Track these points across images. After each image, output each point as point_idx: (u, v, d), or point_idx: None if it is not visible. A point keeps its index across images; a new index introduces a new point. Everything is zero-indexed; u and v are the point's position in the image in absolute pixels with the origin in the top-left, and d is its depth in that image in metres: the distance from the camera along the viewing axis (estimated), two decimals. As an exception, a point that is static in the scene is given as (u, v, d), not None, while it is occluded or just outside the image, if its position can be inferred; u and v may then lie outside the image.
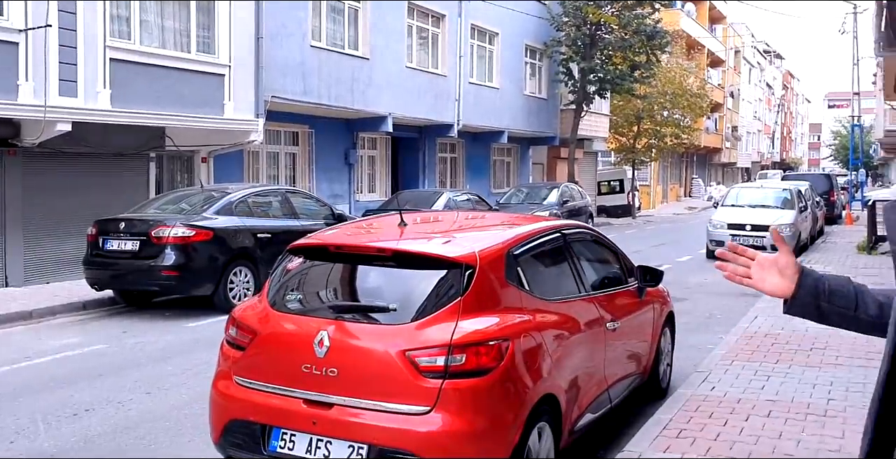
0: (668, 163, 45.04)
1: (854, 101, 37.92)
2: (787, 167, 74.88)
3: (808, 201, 19.23)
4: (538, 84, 28.29)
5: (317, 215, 11.69)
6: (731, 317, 9.45)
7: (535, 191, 22.95)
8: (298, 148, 18.57)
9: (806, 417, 5.19)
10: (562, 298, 4.66)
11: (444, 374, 3.65)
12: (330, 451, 3.78)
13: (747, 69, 64.20)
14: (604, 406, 4.98)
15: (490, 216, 6.97)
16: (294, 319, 4.15)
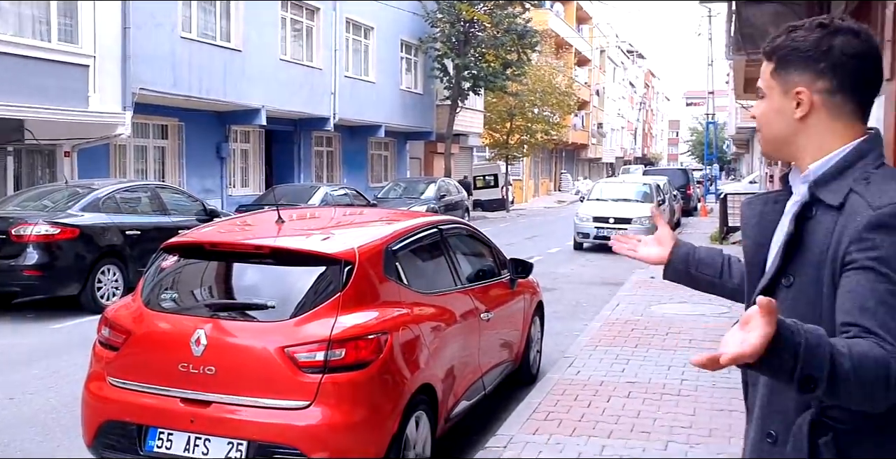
0: (539, 158, 46.43)
1: (709, 100, 40.31)
2: (648, 162, 78.66)
3: (666, 195, 20.41)
4: (414, 79, 28.54)
5: (188, 211, 11.43)
6: (596, 305, 9.98)
7: (413, 185, 23.20)
8: (168, 141, 18.01)
9: (661, 397, 5.61)
10: (438, 291, 4.84)
11: (324, 369, 3.74)
12: (209, 449, 3.80)
13: (612, 68, 66.92)
14: (478, 393, 5.22)
15: (368, 212, 7.09)
16: (169, 318, 4.14)
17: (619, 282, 11.87)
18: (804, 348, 1.34)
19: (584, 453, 4.49)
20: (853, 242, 1.49)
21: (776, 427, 1.62)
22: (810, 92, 1.61)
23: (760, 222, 1.76)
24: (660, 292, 10.49)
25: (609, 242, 2.22)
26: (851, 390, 1.38)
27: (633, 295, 10.18)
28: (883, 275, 1.45)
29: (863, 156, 1.61)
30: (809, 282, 1.57)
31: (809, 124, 1.64)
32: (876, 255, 1.46)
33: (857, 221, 1.50)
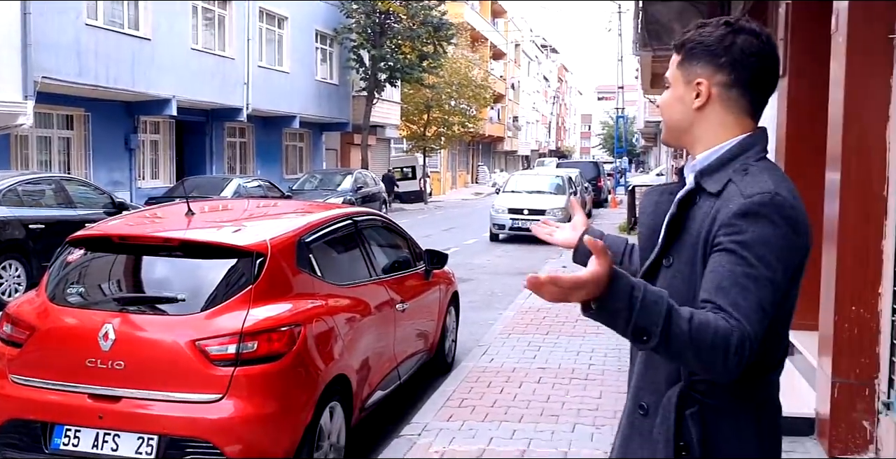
0: (456, 150, 46.74)
1: (619, 94, 41.35)
2: (561, 155, 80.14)
3: (578, 187, 20.93)
4: (329, 70, 28.31)
5: (95, 204, 11.08)
6: (511, 295, 10.18)
7: (329, 177, 23.03)
8: (73, 132, 17.36)
9: (570, 381, 5.81)
10: (353, 283, 4.87)
11: (236, 362, 3.73)
12: (118, 445, 3.74)
13: (526, 62, 67.83)
14: (393, 382, 5.28)
15: (281, 204, 7.04)
16: (76, 313, 4.05)
17: (534, 272, 12.08)
18: (640, 300, 1.45)
19: (495, 437, 4.62)
20: (722, 226, 1.61)
21: (647, 398, 1.73)
22: (709, 84, 1.72)
23: (655, 211, 1.87)
24: (571, 281, 10.77)
25: (530, 226, 2.33)
26: (686, 351, 1.49)
27: (545, 285, 10.42)
28: (742, 258, 1.56)
29: (745, 150, 1.73)
30: (686, 263, 1.69)
31: (705, 115, 1.75)
32: (740, 239, 1.57)
33: (729, 207, 1.62)
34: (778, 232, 1.58)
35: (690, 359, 1.52)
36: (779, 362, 1.73)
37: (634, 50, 15.16)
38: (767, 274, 1.55)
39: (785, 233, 1.59)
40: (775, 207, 1.59)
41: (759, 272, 1.55)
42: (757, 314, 1.52)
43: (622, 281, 1.46)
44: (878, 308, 4.12)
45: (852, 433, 4.20)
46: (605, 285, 1.44)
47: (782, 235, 1.58)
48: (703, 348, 1.48)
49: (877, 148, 4.12)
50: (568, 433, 4.71)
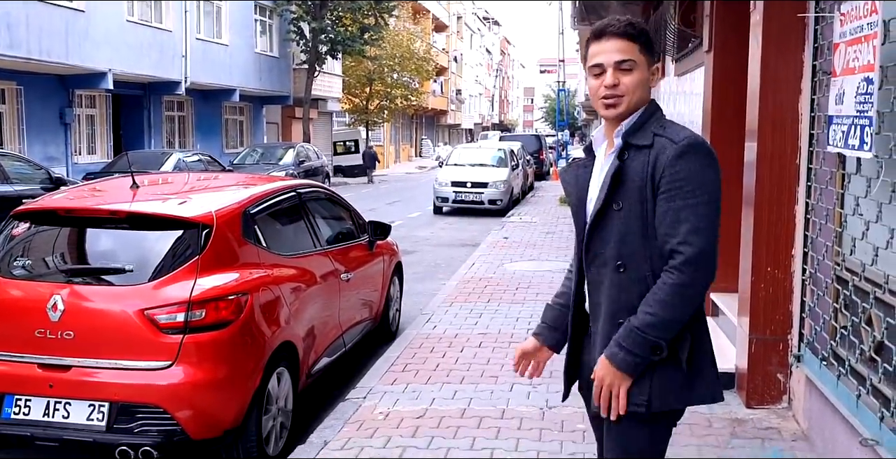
0: (399, 124, 46.62)
1: (560, 68, 41.65)
2: (504, 128, 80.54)
3: (520, 160, 21.20)
4: (269, 42, 27.91)
5: (31, 179, 10.93)
6: (454, 265, 10.41)
7: (271, 151, 22.87)
8: (5, 107, 16.88)
9: (510, 345, 6.04)
10: (298, 253, 5.00)
11: (185, 329, 3.84)
12: (69, 412, 3.83)
13: (469, 35, 67.69)
14: (339, 349, 5.45)
15: (225, 176, 7.09)
16: (23, 285, 4.10)
17: (476, 244, 12.37)
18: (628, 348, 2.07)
19: (437, 398, 4.84)
20: (666, 168, 2.08)
21: (624, 316, 2.13)
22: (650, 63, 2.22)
23: (577, 182, 2.32)
24: (513, 251, 11.06)
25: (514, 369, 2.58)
26: (676, 321, 2.08)
27: (488, 255, 10.68)
28: (687, 192, 2.05)
29: (656, 111, 2.23)
30: (635, 203, 2.12)
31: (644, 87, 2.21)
32: (681, 177, 2.07)
33: (667, 153, 2.09)
34: (702, 160, 2.09)
35: (684, 317, 2.09)
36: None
37: (573, 24, 15.37)
38: (705, 198, 2.05)
39: (710, 163, 2.10)
40: (701, 145, 2.11)
41: (699, 199, 2.05)
42: (706, 232, 2.04)
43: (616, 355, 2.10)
44: (791, 269, 4.44)
45: (767, 385, 4.53)
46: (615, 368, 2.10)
47: (708, 164, 2.10)
48: (677, 311, 2.06)
49: (790, 120, 4.40)
50: (506, 392, 4.95)
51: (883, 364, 3.08)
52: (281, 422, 4.42)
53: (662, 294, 2.05)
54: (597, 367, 2.13)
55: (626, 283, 2.14)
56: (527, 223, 14.79)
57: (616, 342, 2.09)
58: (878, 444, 3.05)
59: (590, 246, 2.21)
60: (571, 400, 4.66)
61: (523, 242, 11.97)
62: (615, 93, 2.18)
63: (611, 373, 2.09)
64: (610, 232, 2.16)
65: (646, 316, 2.06)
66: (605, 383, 2.10)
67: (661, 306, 2.05)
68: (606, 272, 2.17)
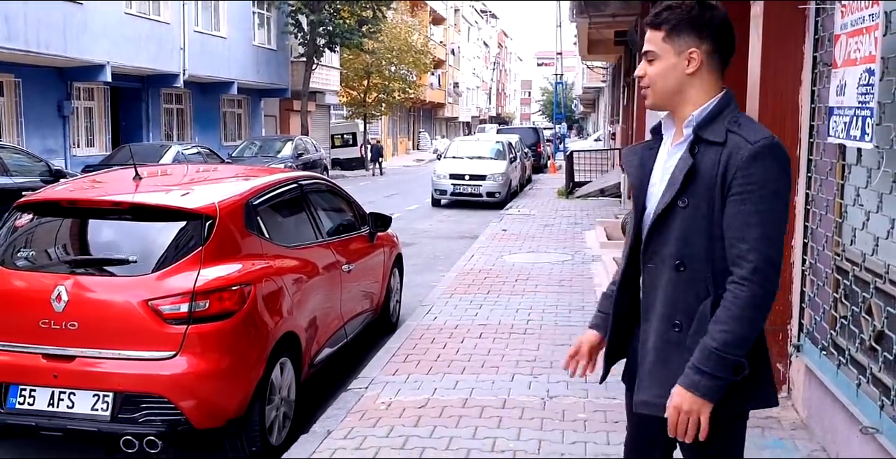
0: (397, 117, 46.58)
1: (558, 61, 41.63)
2: (502, 121, 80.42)
3: (518, 152, 21.22)
4: (268, 35, 27.85)
5: (31, 172, 10.92)
6: (453, 257, 10.44)
7: (269, 143, 22.85)
8: (3, 99, 16.86)
9: (510, 335, 6.09)
10: (300, 244, 5.02)
11: (188, 320, 3.86)
12: (74, 402, 3.85)
13: (466, 28, 67.56)
14: (341, 340, 5.48)
15: (226, 168, 7.10)
16: (27, 276, 4.11)
17: (475, 236, 12.40)
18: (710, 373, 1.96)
19: (439, 388, 4.87)
20: (739, 170, 1.98)
21: (680, 317, 2.08)
22: (700, 52, 2.09)
23: (641, 165, 2.22)
24: (511, 243, 11.09)
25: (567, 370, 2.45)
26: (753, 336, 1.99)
27: (486, 247, 10.71)
28: (759, 197, 1.96)
29: (729, 104, 2.11)
30: (702, 201, 2.04)
31: (696, 78, 2.11)
32: (754, 181, 1.97)
33: (741, 153, 1.99)
34: (780, 166, 2.00)
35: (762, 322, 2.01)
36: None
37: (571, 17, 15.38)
38: (778, 205, 1.98)
39: (785, 168, 2.01)
40: (777, 148, 2.00)
41: (771, 205, 1.96)
42: (776, 240, 1.98)
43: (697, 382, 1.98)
44: (790, 259, 4.46)
45: (767, 375, 4.56)
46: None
47: (783, 169, 2.00)
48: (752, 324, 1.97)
49: (790, 111, 4.42)
50: (507, 382, 4.98)
51: (883, 353, 3.11)
52: (284, 412, 4.44)
53: (736, 309, 1.95)
54: (673, 397, 2.00)
55: (684, 283, 2.07)
56: (525, 215, 14.82)
57: (695, 368, 1.97)
58: (878, 432, 3.08)
59: (649, 242, 2.13)
60: (571, 390, 4.73)
61: (522, 234, 12.00)
62: (643, 85, 2.17)
63: (693, 402, 1.97)
64: (672, 229, 2.08)
65: (723, 334, 1.95)
66: (683, 410, 1.99)
67: (737, 322, 1.95)
68: (665, 270, 2.10)
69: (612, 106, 26.60)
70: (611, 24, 14.66)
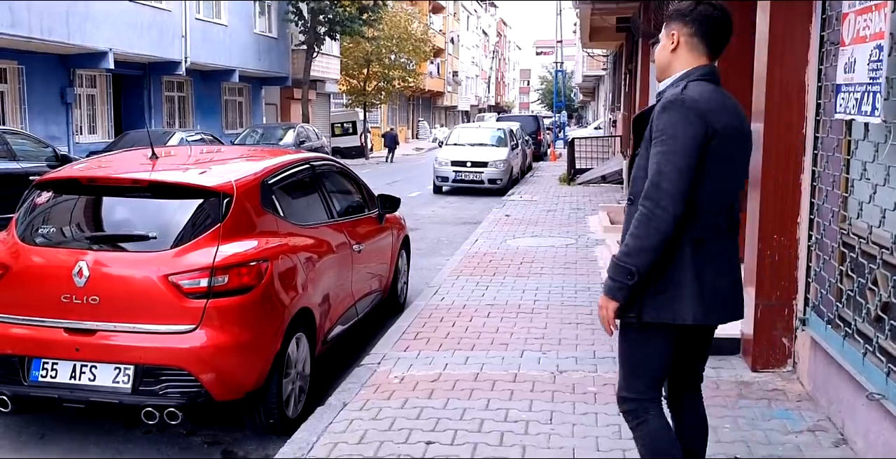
0: (396, 106, 46.56)
1: (557, 49, 41.57)
2: (501, 110, 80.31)
3: (519, 140, 21.25)
4: (268, 23, 27.82)
5: (38, 157, 10.94)
6: (456, 242, 10.53)
7: (271, 131, 22.90)
8: (7, 86, 16.88)
9: (517, 315, 6.18)
10: (313, 224, 5.09)
11: (208, 294, 3.93)
12: (95, 375, 3.93)
13: (465, 16, 67.39)
14: (352, 318, 5.57)
15: (238, 149, 7.16)
16: (48, 252, 4.17)
17: (477, 222, 12.48)
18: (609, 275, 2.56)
19: (450, 363, 4.96)
20: (653, 121, 2.55)
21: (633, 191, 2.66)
22: (679, 34, 2.66)
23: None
24: (515, 228, 11.17)
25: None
26: (644, 248, 2.48)
27: (490, 232, 10.79)
28: (659, 141, 2.49)
29: (689, 75, 2.61)
30: (644, 149, 2.60)
31: (677, 55, 2.67)
32: (659, 127, 2.51)
33: (656, 108, 2.56)
34: (677, 115, 2.48)
35: (654, 239, 2.48)
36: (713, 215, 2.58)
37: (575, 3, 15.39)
38: (673, 147, 2.46)
39: (683, 115, 2.48)
40: (678, 102, 2.50)
41: (668, 147, 2.46)
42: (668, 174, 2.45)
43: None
44: (796, 236, 4.55)
45: (772, 349, 4.67)
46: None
47: (681, 116, 2.48)
48: (644, 232, 2.48)
49: (797, 90, 4.50)
50: (517, 358, 5.08)
51: (890, 321, 3.20)
52: (300, 386, 4.53)
53: (632, 226, 2.51)
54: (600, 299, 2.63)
55: (631, 215, 2.57)
56: (527, 201, 14.89)
57: (607, 274, 2.57)
58: (885, 398, 3.17)
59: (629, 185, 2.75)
60: (581, 365, 4.83)
61: (525, 220, 12.07)
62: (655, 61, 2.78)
63: (602, 299, 2.57)
64: (633, 173, 2.68)
65: (622, 246, 2.54)
66: (599, 306, 2.60)
67: (631, 236, 2.50)
68: (631, 206, 2.64)
69: (613, 93, 26.62)
70: (614, 10, 14.68)
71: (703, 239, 2.53)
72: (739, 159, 2.63)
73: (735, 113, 2.59)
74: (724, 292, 2.59)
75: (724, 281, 2.59)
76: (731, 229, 2.63)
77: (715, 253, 2.57)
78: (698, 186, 2.49)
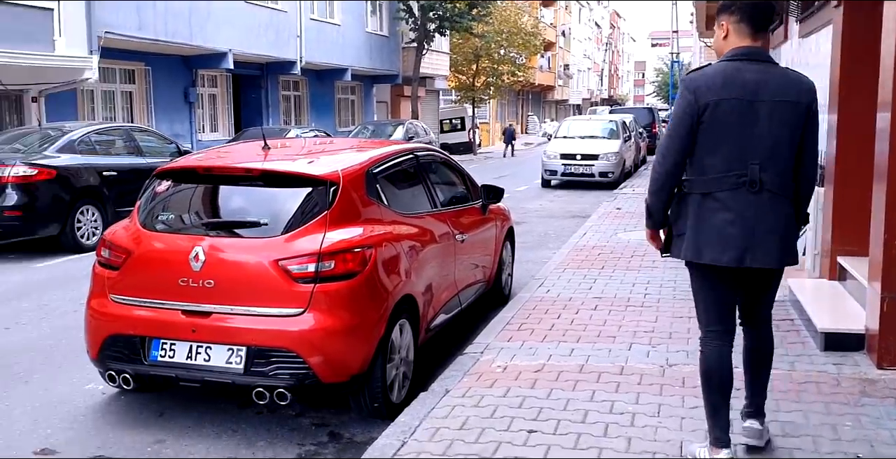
0: (505, 101, 46.43)
1: (673, 39, 40.41)
2: (614, 103, 78.73)
3: (632, 132, 20.76)
4: (380, 21, 28.30)
5: (162, 153, 11.52)
6: (564, 235, 10.39)
7: (381, 128, 23.29)
8: (135, 86, 17.88)
9: (626, 308, 6.03)
10: (416, 213, 5.14)
11: (316, 279, 4.04)
12: (210, 356, 4.09)
13: (577, 8, 66.44)
14: (455, 308, 5.58)
15: (346, 141, 7.32)
16: (168, 237, 4.39)
17: (587, 215, 12.28)
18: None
19: (554, 355, 4.90)
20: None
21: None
22: (727, 23, 3.17)
23: None
24: (626, 221, 10.93)
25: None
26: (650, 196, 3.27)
27: (599, 225, 10.60)
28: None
29: (724, 57, 3.14)
30: None
31: (728, 41, 3.17)
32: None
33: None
34: (679, 91, 3.18)
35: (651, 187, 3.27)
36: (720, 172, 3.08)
37: (689, -10, 14.86)
38: (672, 117, 3.18)
39: (680, 91, 3.14)
40: (681, 81, 3.17)
41: (671, 117, 3.20)
42: (663, 141, 3.19)
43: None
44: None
45: (900, 346, 4.36)
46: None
47: (679, 92, 3.17)
48: (650, 184, 3.28)
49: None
50: (625, 351, 4.96)
51: None
52: (403, 372, 4.58)
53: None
54: None
55: None
56: (640, 195, 14.53)
57: None
58: None
59: None
60: (692, 359, 4.66)
61: (637, 213, 11.79)
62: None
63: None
64: None
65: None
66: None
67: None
68: None
69: (730, 84, 25.55)
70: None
71: (709, 192, 3.06)
72: (750, 126, 3.00)
73: (746, 86, 3.00)
74: (730, 236, 3.04)
75: (733, 227, 3.03)
76: (752, 185, 3.02)
77: (723, 204, 3.04)
78: (701, 149, 3.06)
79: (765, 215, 3.04)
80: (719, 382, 3.20)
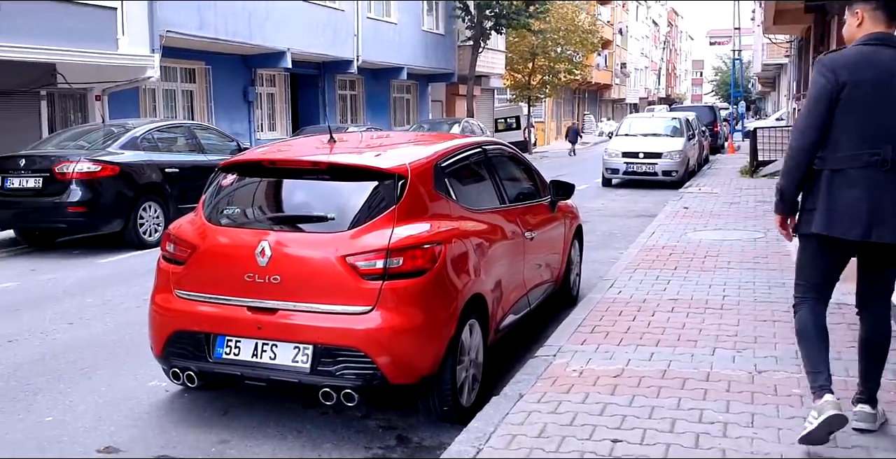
0: (561, 99, 45.94)
1: (735, 37, 39.44)
2: (672, 102, 77.44)
3: (696, 130, 20.22)
4: (436, 20, 28.19)
5: (223, 150, 11.54)
6: (630, 235, 10.07)
7: (437, 126, 23.18)
8: (196, 85, 18.06)
9: (705, 311, 5.73)
10: (485, 209, 4.92)
11: (384, 276, 3.86)
12: (276, 354, 3.94)
13: (634, 6, 65.51)
14: (524, 308, 5.35)
15: (410, 135, 7.16)
16: (234, 232, 4.25)
17: (652, 214, 11.92)
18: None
19: (633, 359, 4.63)
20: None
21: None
22: (863, 10, 3.24)
23: None
24: (695, 220, 10.55)
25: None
26: (784, 174, 3.36)
27: (667, 225, 10.24)
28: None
29: (857, 43, 3.22)
30: None
31: (861, 28, 3.25)
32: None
33: None
34: (815, 71, 3.22)
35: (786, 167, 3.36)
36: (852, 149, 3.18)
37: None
38: (807, 104, 3.24)
39: (817, 70, 3.21)
40: (817, 62, 3.23)
41: (807, 97, 3.26)
42: (800, 120, 3.28)
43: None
44: None
45: None
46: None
47: (816, 71, 3.21)
48: (785, 162, 3.37)
49: None
50: (708, 356, 4.67)
51: None
52: (473, 374, 4.37)
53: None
54: None
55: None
56: (707, 194, 14.08)
57: None
58: None
59: None
60: (781, 365, 4.36)
61: (705, 212, 11.39)
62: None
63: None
64: None
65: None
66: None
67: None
68: None
69: (799, 81, 24.82)
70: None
71: (840, 169, 3.16)
72: (885, 106, 3.11)
73: (882, 68, 3.10)
74: (860, 211, 3.12)
75: (863, 203, 3.12)
76: (884, 163, 3.11)
77: (854, 181, 3.13)
78: (835, 127, 3.16)
79: (894, 193, 3.14)
80: (815, 335, 3.31)
